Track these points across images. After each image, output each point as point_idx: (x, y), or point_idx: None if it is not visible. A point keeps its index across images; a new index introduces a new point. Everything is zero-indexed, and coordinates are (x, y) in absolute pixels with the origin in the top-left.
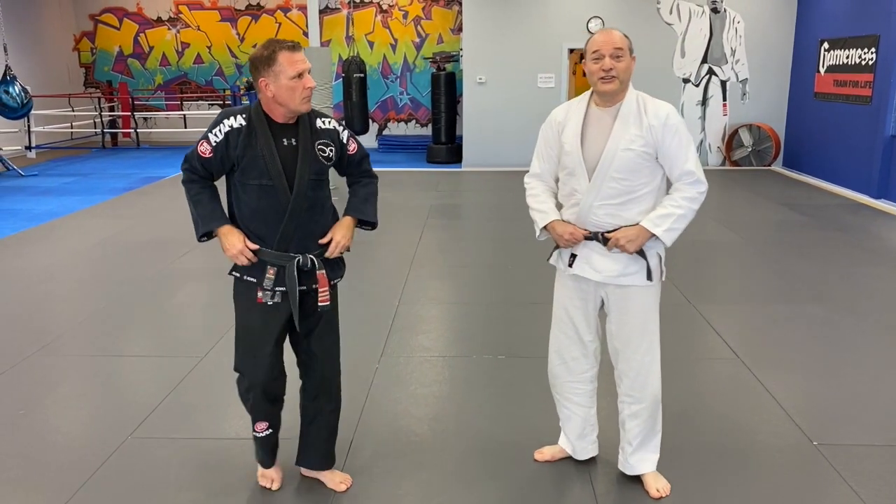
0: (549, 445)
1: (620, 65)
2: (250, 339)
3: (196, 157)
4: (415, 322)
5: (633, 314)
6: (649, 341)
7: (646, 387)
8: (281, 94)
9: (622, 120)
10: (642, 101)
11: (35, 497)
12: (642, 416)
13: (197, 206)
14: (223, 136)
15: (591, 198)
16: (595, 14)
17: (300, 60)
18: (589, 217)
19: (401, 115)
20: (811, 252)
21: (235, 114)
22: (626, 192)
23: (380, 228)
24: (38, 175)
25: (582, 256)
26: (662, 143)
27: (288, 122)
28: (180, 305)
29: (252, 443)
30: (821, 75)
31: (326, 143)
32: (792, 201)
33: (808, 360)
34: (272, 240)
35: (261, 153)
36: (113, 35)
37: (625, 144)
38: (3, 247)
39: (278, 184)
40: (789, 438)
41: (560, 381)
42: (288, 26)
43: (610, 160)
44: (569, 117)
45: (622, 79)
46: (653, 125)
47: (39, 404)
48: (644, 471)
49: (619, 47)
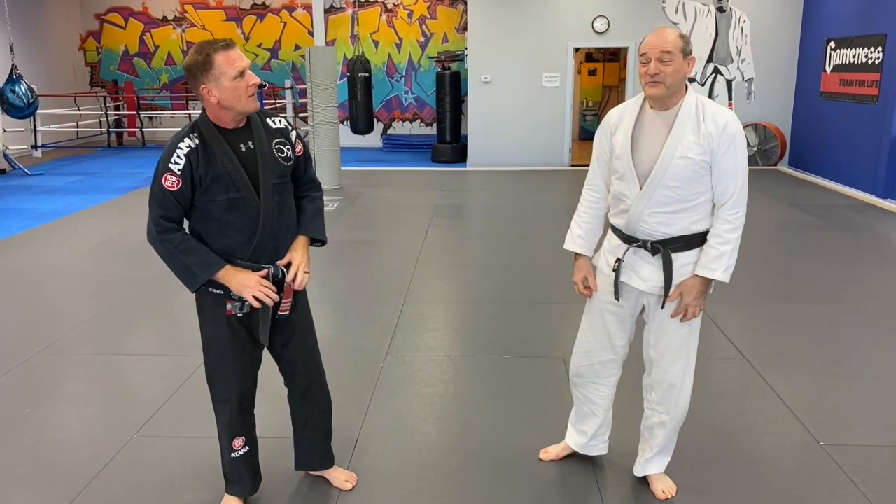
0: (553, 445)
1: (668, 68)
2: (221, 350)
3: (163, 198)
4: (420, 321)
5: (675, 328)
6: (686, 356)
7: (679, 402)
8: (225, 98)
9: (679, 126)
10: (702, 105)
11: (42, 495)
12: (669, 426)
13: (188, 255)
14: (185, 160)
15: (641, 205)
16: (600, 13)
17: (238, 58)
18: (639, 225)
19: (406, 114)
20: (817, 252)
21: (184, 136)
22: (681, 201)
23: (385, 228)
24: (44, 174)
25: (628, 263)
26: (717, 152)
27: (239, 126)
28: (185, 305)
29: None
30: (827, 75)
31: (283, 143)
32: (798, 201)
33: (815, 360)
34: (244, 252)
35: (223, 167)
36: (118, 34)
37: (681, 152)
38: (10, 245)
39: (246, 194)
40: (795, 438)
41: (584, 380)
42: (293, 25)
43: (665, 168)
44: (622, 119)
45: (669, 83)
46: (711, 132)
47: (45, 403)
48: (653, 472)
49: (668, 50)
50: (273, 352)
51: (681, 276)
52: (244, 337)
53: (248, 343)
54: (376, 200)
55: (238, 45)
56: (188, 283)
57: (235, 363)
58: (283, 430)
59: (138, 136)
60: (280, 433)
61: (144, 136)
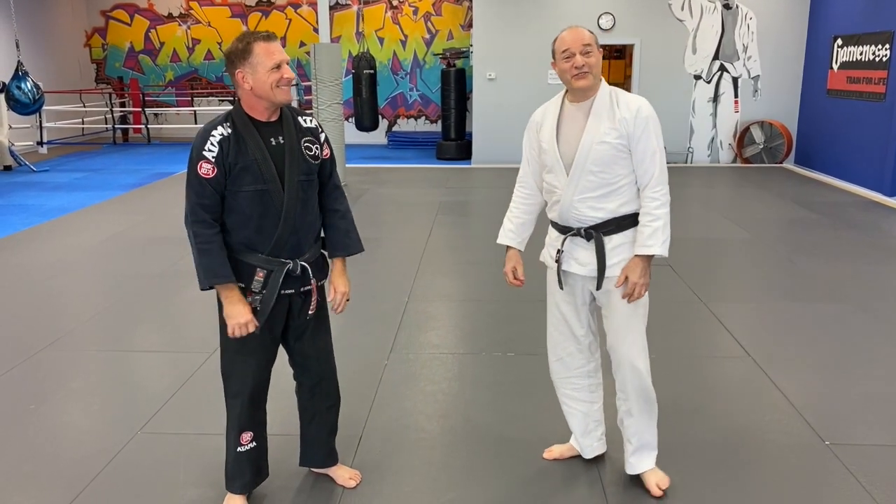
0: (558, 444)
1: (591, 60)
2: (237, 344)
3: (200, 186)
4: (424, 319)
5: (621, 308)
6: (635, 337)
7: (637, 386)
8: (259, 87)
9: (595, 114)
10: (615, 94)
11: (47, 490)
12: (635, 413)
13: (203, 255)
14: (217, 147)
15: (570, 192)
16: (606, 10)
17: (277, 51)
18: (571, 212)
19: (410, 111)
20: (823, 250)
21: (218, 124)
22: (606, 185)
23: (389, 225)
24: (50, 171)
25: (567, 252)
26: (633, 136)
27: (271, 120)
28: (190, 301)
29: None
30: (834, 72)
31: (311, 141)
32: (804, 199)
33: (821, 358)
34: (265, 246)
35: (253, 158)
36: (124, 31)
37: (599, 137)
38: (15, 242)
39: (273, 187)
40: (801, 438)
41: (558, 377)
42: (298, 22)
43: (586, 154)
44: (545, 117)
45: (594, 73)
46: (625, 118)
47: (51, 399)
48: (644, 469)
49: (588, 43)
50: (287, 345)
51: (616, 255)
52: (262, 331)
53: (265, 338)
54: (381, 198)
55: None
56: (199, 279)
57: (251, 357)
58: (290, 428)
59: (143, 132)
60: (286, 430)
61: (150, 133)
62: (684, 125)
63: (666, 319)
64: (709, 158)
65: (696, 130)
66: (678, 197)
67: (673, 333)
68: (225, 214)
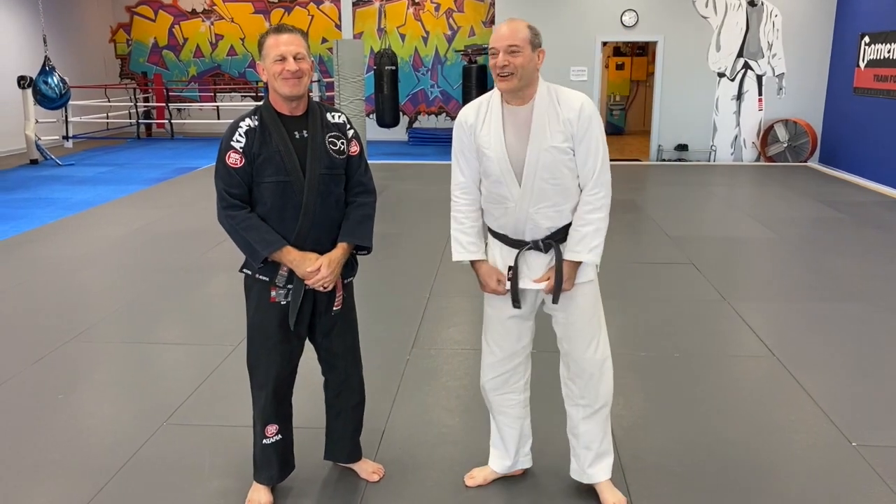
0: (477, 469)
1: (517, 60)
2: (263, 336)
3: (227, 176)
4: (445, 315)
5: (579, 313)
6: (598, 338)
7: (600, 388)
8: (269, 78)
9: (538, 117)
10: (555, 92)
11: (75, 479)
12: (597, 418)
13: (249, 231)
14: (244, 138)
15: (525, 204)
16: (629, 7)
17: (283, 42)
18: (526, 224)
19: (431, 107)
20: (848, 249)
21: (246, 116)
22: (559, 193)
23: (410, 221)
24: (75, 165)
25: (522, 269)
26: (577, 136)
27: (295, 114)
28: (214, 294)
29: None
30: (861, 70)
31: (337, 136)
32: (829, 198)
33: (846, 358)
34: (288, 239)
35: (276, 149)
36: (148, 27)
37: (546, 143)
38: (42, 235)
39: (294, 179)
40: (827, 438)
41: (496, 394)
42: (320, 18)
43: (535, 162)
44: (481, 119)
45: (521, 75)
46: (569, 118)
47: (78, 389)
48: (605, 477)
49: (515, 44)
50: (314, 342)
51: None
52: (288, 325)
53: (290, 332)
54: (402, 194)
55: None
56: (252, 259)
57: (275, 350)
58: (316, 421)
59: (167, 127)
60: (313, 423)
61: (173, 128)
62: (707, 123)
63: (689, 318)
64: (732, 157)
65: (720, 128)
66: (701, 195)
67: (696, 332)
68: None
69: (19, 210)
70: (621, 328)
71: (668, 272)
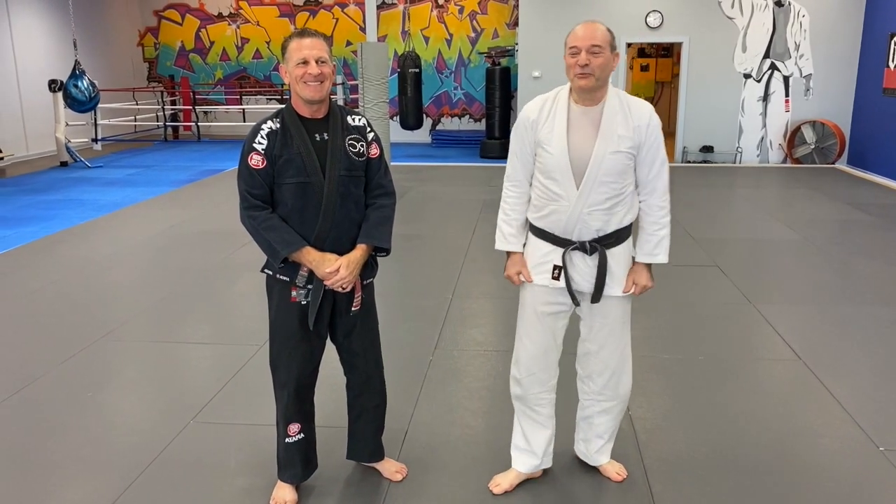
0: (500, 475)
1: (598, 60)
2: (284, 336)
3: (249, 177)
4: (468, 316)
5: (614, 318)
6: (625, 342)
7: (620, 385)
8: (291, 82)
9: (608, 120)
10: (625, 99)
11: (103, 475)
12: (614, 412)
13: (270, 232)
14: (266, 140)
15: (580, 205)
16: (654, 8)
17: (306, 46)
18: (577, 225)
19: (455, 110)
20: (877, 252)
21: (268, 119)
22: (615, 196)
23: (433, 223)
24: (104, 167)
25: (568, 266)
26: (644, 144)
27: (316, 117)
28: (240, 295)
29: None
30: (890, 70)
31: (357, 139)
32: (857, 200)
33: (874, 362)
34: (308, 239)
35: (297, 151)
36: (175, 30)
37: (613, 147)
38: (71, 235)
39: (315, 180)
40: (854, 443)
41: (530, 393)
42: (345, 22)
43: (598, 164)
44: (545, 115)
45: (599, 76)
46: (638, 125)
47: (106, 387)
48: (605, 462)
49: (597, 44)
50: (335, 342)
51: (618, 268)
52: (305, 325)
53: (311, 331)
54: (425, 195)
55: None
56: (272, 259)
57: (297, 350)
58: (339, 420)
59: (193, 130)
60: (337, 423)
61: (199, 131)
62: (733, 125)
63: (714, 321)
64: (758, 158)
65: (745, 130)
66: (726, 197)
67: (722, 335)
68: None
69: (50, 211)
70: (645, 330)
71: (693, 274)
